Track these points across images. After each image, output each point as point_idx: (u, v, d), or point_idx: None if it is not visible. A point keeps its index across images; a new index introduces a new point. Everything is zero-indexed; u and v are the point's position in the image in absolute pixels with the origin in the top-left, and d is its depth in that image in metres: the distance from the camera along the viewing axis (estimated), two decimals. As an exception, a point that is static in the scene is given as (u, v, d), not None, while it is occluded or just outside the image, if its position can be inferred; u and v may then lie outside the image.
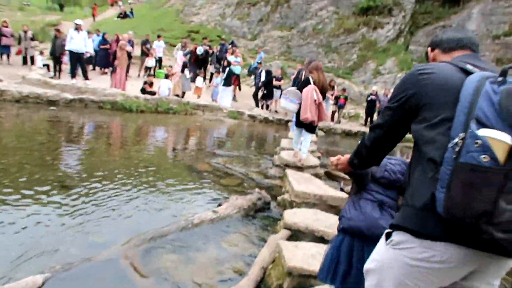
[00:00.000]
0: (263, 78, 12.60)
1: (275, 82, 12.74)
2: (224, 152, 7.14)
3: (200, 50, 14.27)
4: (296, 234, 3.54)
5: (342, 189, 4.87)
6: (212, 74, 15.04)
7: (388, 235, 1.42)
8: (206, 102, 11.82)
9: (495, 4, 18.49)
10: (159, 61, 14.78)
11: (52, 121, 7.67)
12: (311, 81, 5.51)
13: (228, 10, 25.68)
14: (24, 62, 13.45)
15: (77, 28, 10.80)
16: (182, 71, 12.24)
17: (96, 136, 7.18)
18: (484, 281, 1.33)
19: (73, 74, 11.04)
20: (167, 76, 11.62)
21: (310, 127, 5.65)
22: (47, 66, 12.99)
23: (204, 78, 14.10)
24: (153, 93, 11.12)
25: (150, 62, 14.24)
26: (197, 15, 26.65)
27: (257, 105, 13.03)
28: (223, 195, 4.77)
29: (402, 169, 2.12)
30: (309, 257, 2.84)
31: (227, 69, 12.55)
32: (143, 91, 11.19)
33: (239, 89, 14.51)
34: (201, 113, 11.20)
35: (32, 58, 13.45)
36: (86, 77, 11.27)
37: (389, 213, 2.09)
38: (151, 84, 11.45)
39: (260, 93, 13.05)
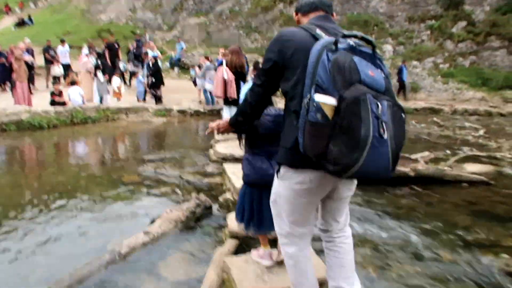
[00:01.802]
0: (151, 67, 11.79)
1: (198, 71, 12.04)
2: (155, 156, 6.41)
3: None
4: (245, 242, 3.03)
5: None
6: (131, 73, 13.93)
7: (278, 170, 1.85)
8: (128, 104, 10.83)
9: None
10: (66, 68, 13.30)
11: None
12: (224, 63, 6.58)
13: (137, 2, 24.17)
14: None
15: (-43, 43, 9.22)
16: (95, 74, 11.06)
17: (-2, 165, 6.08)
18: (343, 192, 1.89)
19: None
20: (74, 83, 10.39)
21: (234, 102, 6.69)
22: None
23: (123, 78, 12.97)
24: (65, 103, 9.91)
25: (57, 70, 12.77)
26: (105, 13, 24.78)
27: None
28: (156, 208, 4.11)
29: (276, 122, 2.30)
30: (263, 272, 2.35)
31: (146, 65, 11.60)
32: (53, 103, 9.93)
33: (163, 84, 13.55)
34: (124, 117, 10.22)
35: None
36: (-21, 98, 9.74)
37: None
38: (60, 94, 10.19)
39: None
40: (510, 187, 4.91)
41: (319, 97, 1.47)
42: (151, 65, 11.69)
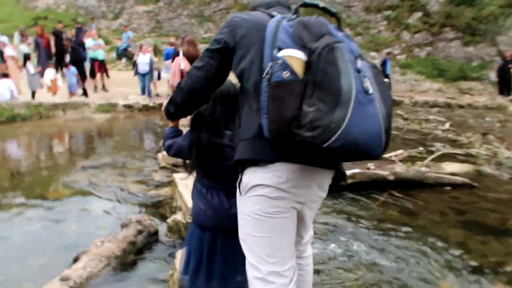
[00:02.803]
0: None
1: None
2: (92, 162, 5.42)
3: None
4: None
5: None
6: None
7: (239, 183, 1.45)
8: (66, 99, 9.58)
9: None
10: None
11: None
12: (180, 53, 6.34)
13: (79, -12, 22.19)
14: None
15: None
16: (24, 65, 9.68)
17: None
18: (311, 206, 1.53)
19: None
20: (6, 75, 9.01)
21: None
22: None
23: (59, 69, 11.56)
24: (-12, 100, 8.53)
25: (-19, 60, 11.12)
26: (42, -1, 22.57)
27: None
28: (85, 237, 3.21)
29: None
30: None
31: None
32: (-27, 99, 8.51)
33: (107, 76, 12.31)
34: (61, 114, 8.97)
35: None
36: None
37: None
38: (-17, 89, 8.77)
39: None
40: (494, 189, 4.48)
41: (284, 52, 1.25)
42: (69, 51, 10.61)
